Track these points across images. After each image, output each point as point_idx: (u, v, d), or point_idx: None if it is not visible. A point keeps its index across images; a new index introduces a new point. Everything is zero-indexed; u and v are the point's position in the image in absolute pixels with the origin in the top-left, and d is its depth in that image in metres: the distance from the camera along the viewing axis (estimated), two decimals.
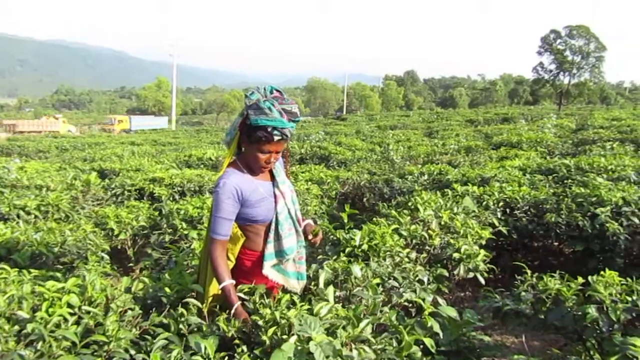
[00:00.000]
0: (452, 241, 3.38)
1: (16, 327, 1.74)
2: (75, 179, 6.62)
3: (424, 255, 3.30)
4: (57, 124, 48.83)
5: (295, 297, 2.22)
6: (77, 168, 8.69)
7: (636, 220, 3.82)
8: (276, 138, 2.07)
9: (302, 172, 7.19)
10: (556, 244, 4.61)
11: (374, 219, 3.75)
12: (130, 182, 6.60)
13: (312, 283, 2.37)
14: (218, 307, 2.23)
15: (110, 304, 1.95)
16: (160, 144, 16.65)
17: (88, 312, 1.86)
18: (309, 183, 6.27)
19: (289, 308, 1.97)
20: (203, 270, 2.32)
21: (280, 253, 2.27)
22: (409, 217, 3.59)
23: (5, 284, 2.36)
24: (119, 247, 5.00)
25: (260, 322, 1.86)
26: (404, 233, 3.37)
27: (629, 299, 2.02)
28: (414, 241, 3.41)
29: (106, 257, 3.95)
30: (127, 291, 2.16)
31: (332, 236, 3.08)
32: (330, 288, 2.08)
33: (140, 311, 2.07)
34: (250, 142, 2.13)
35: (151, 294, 2.30)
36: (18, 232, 3.80)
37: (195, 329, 1.98)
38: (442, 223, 3.61)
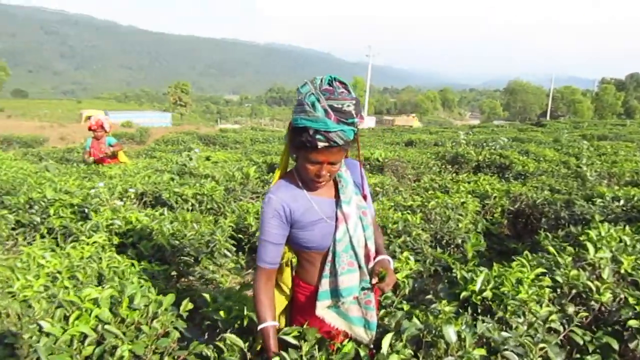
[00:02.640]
0: (631, 300, 2.42)
1: (34, 338, 1.60)
2: (239, 171, 6.91)
3: (585, 313, 2.43)
4: (411, 120, 55.14)
5: (363, 350, 1.71)
6: (252, 160, 9.16)
7: None
8: (320, 145, 1.55)
9: (467, 183, 6.36)
10: None
11: (526, 253, 2.94)
12: None
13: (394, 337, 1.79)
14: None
15: (142, 326, 1.70)
16: None
17: (113, 332, 1.64)
18: (469, 196, 5.47)
19: None
20: None
21: (335, 293, 1.76)
22: (570, 258, 2.70)
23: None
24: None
25: None
26: (560, 279, 2.53)
27: None
28: (573, 291, 2.54)
29: (229, 254, 3.88)
30: (175, 309, 1.89)
31: (454, 272, 2.42)
32: (394, 357, 1.51)
33: (179, 336, 1.79)
34: (296, 147, 1.66)
35: (209, 315, 2.01)
36: (156, 220, 3.95)
37: None
38: (621, 272, 2.63)
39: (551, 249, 2.82)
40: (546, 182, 6.75)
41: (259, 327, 1.69)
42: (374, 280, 1.73)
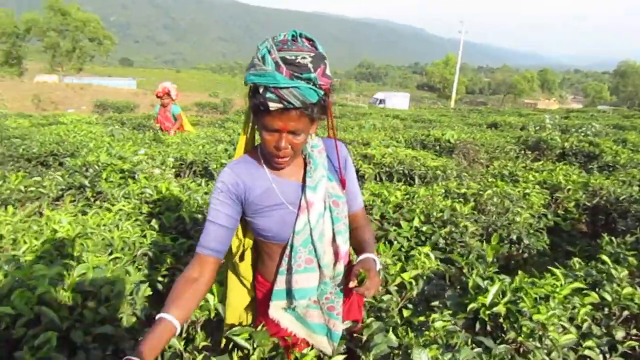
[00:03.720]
0: None
1: None
2: None
3: (635, 342, 1.98)
4: (552, 104, 54.30)
5: None
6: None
7: None
8: (273, 105, 1.27)
9: (539, 172, 5.73)
10: None
11: (574, 260, 2.50)
12: None
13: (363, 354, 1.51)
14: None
15: (85, 310, 1.56)
16: (419, 120, 16.30)
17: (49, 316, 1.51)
18: (537, 187, 4.90)
19: None
20: (225, 289, 1.74)
21: (289, 293, 1.50)
22: (626, 271, 2.22)
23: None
24: None
25: None
26: (608, 297, 2.09)
27: None
28: (625, 313, 2.09)
29: None
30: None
31: (464, 277, 2.07)
32: None
33: (132, 323, 1.63)
34: (254, 114, 1.39)
35: None
36: (189, 192, 3.88)
37: None
38: None
39: (605, 257, 2.34)
40: (637, 175, 5.92)
41: (157, 316, 1.31)
42: (352, 284, 1.43)
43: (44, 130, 6.68)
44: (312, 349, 1.51)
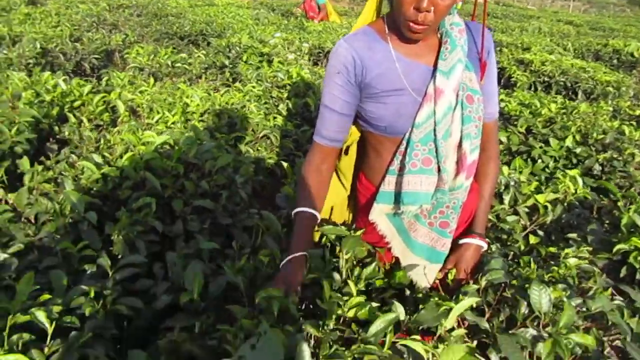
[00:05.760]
0: None
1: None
2: None
3: None
4: None
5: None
6: None
7: None
8: None
9: None
10: None
11: None
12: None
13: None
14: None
15: (186, 181, 1.53)
16: (598, 28, 13.91)
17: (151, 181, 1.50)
18: None
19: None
20: None
21: (398, 197, 1.24)
22: None
23: None
24: None
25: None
26: None
27: None
28: None
29: None
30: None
31: (618, 212, 1.66)
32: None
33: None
34: None
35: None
36: (321, 79, 3.75)
37: None
38: None
39: None
40: None
41: (294, 212, 1.26)
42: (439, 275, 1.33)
43: (197, 11, 6.91)
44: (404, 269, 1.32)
